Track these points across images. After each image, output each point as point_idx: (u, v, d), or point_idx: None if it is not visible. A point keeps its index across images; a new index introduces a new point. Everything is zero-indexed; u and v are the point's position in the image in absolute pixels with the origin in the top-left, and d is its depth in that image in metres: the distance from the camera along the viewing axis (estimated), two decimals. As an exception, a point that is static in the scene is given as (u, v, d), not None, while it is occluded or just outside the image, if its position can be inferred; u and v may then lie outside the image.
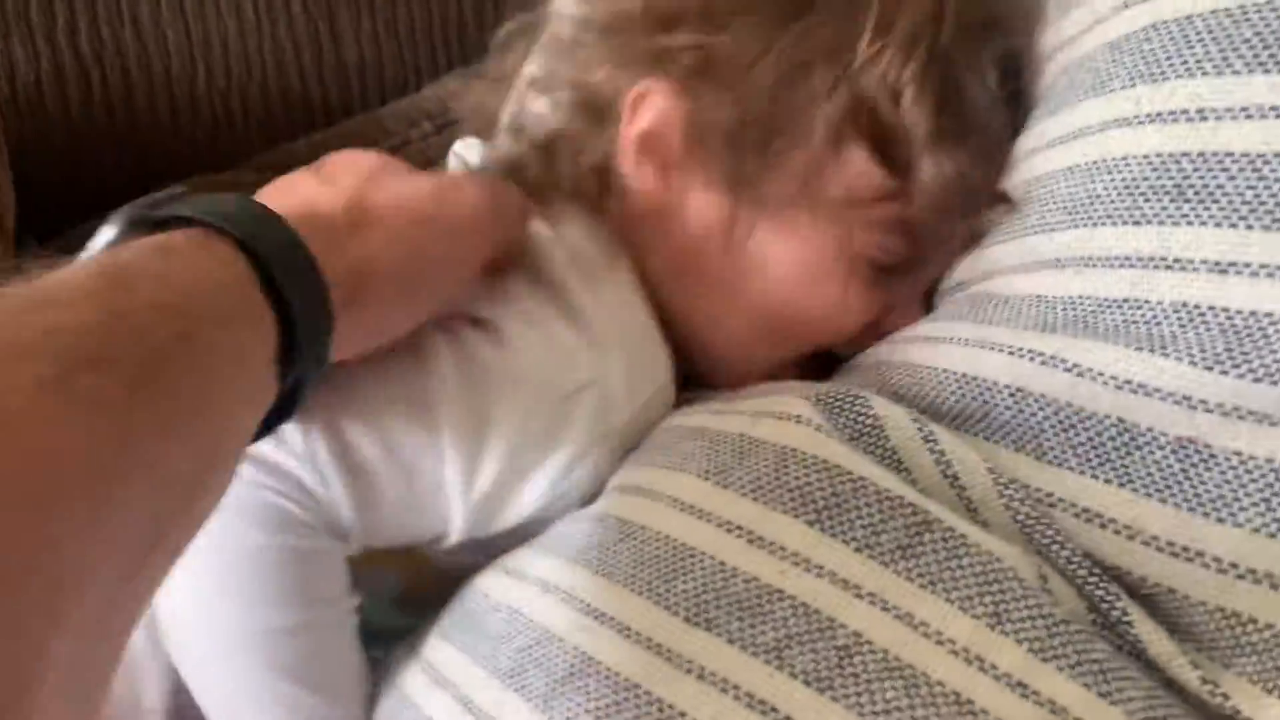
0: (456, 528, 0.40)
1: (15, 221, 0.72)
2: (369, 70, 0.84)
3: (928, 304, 0.46)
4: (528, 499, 0.39)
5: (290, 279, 0.28)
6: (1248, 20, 0.32)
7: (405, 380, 0.38)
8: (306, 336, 0.29)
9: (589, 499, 0.39)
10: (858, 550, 0.31)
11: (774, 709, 0.29)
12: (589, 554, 0.35)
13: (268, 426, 0.31)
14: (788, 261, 0.44)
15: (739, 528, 0.33)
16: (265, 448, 0.36)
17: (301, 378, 0.30)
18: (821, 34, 0.41)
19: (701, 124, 0.43)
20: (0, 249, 0.67)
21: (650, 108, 0.44)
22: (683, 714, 0.29)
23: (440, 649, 0.36)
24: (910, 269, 0.44)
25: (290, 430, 0.36)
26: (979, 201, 0.42)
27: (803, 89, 0.41)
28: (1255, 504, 0.31)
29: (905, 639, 0.29)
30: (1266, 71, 0.31)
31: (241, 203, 0.30)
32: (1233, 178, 0.31)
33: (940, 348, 0.40)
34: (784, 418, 0.35)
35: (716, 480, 0.35)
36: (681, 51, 0.43)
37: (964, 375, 0.38)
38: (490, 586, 0.37)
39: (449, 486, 0.38)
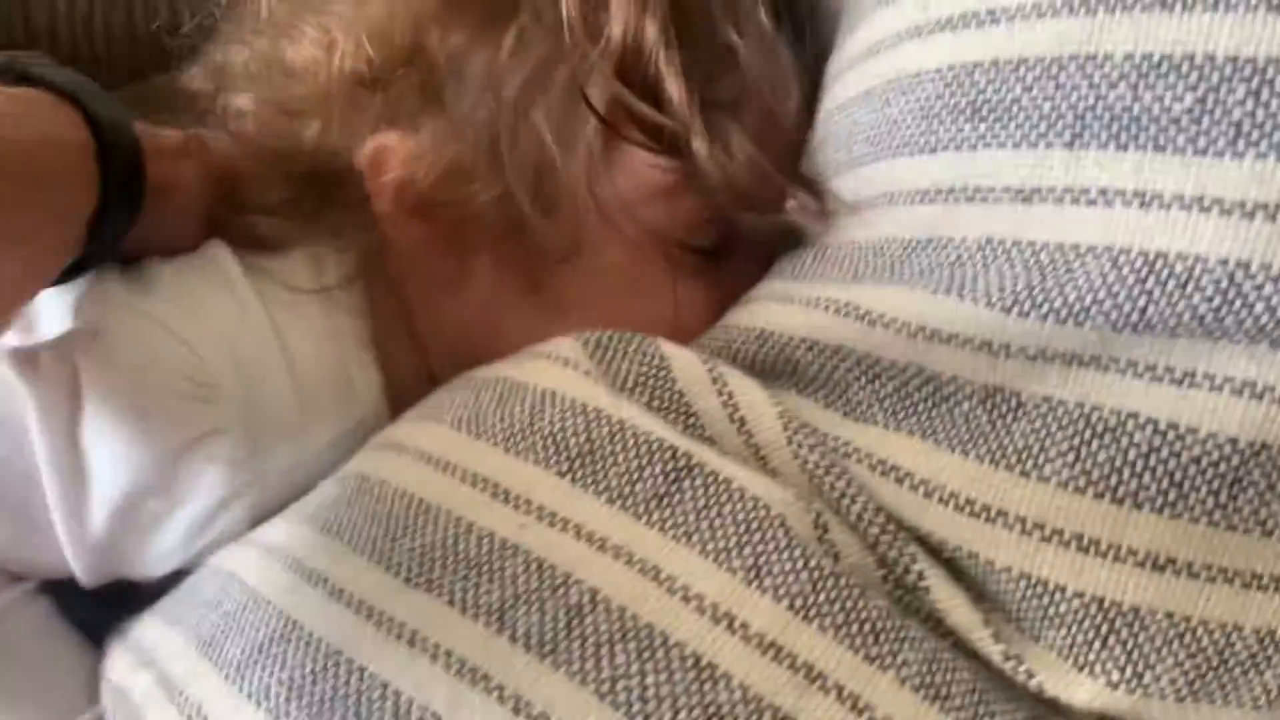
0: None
1: None
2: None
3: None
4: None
5: (117, 158, 0.32)
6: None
7: None
8: (117, 216, 0.33)
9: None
10: (609, 501, 0.27)
11: (486, 676, 0.24)
12: (320, 513, 0.30)
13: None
14: (599, 295, 0.39)
15: (484, 480, 0.29)
16: None
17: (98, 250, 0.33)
18: (539, 35, 0.37)
19: (451, 173, 0.38)
20: None
21: (393, 161, 0.38)
22: (385, 684, 0.25)
23: (148, 625, 0.31)
24: (734, 246, 0.40)
25: None
26: (787, 153, 0.38)
27: (547, 103, 0.37)
28: (1063, 454, 0.27)
29: (647, 596, 0.25)
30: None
31: (98, 91, 0.34)
32: (1028, 88, 0.28)
33: (752, 306, 0.36)
34: (550, 358, 0.31)
35: (469, 429, 0.30)
36: (403, 95, 0.39)
37: (764, 331, 0.34)
38: (218, 555, 0.32)
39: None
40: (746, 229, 0.38)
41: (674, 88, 0.36)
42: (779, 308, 0.34)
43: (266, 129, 0.39)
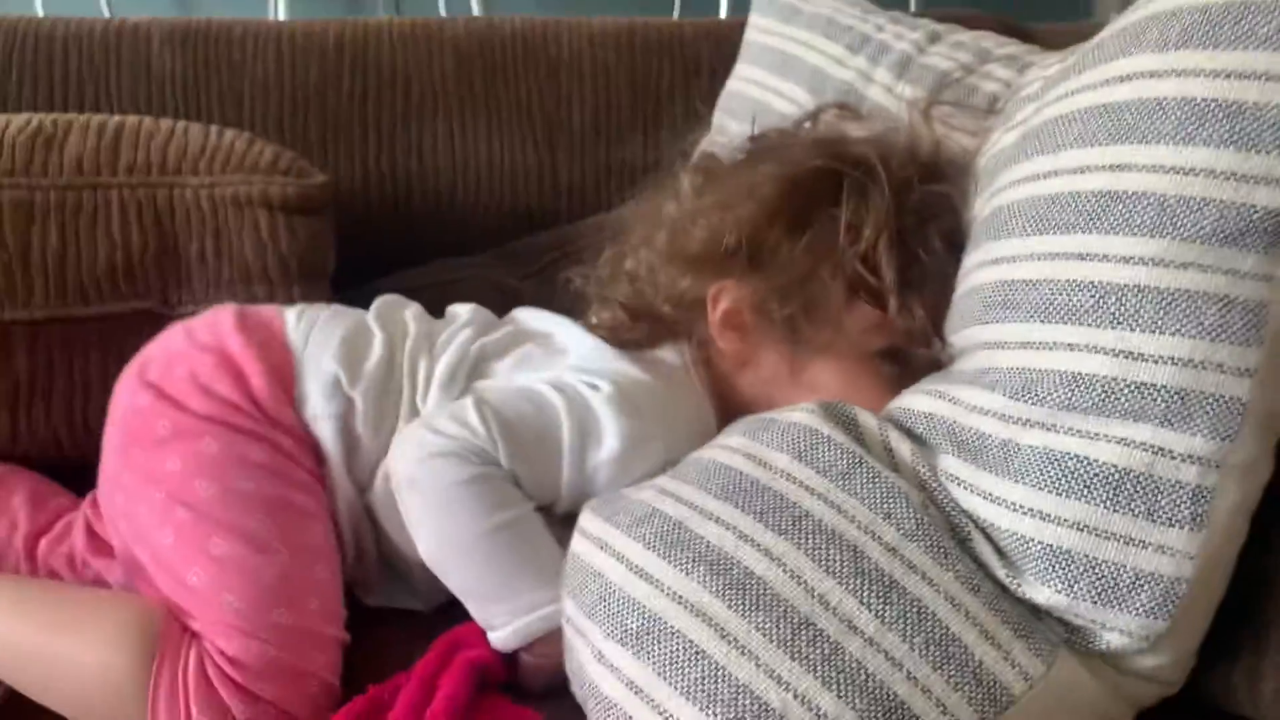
0: (562, 496, 0.68)
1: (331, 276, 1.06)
2: (574, 193, 1.16)
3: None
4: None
5: None
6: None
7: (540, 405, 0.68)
8: None
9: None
10: (819, 472, 0.59)
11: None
12: (690, 472, 0.63)
13: None
14: (834, 382, 0.72)
15: (760, 459, 0.61)
16: (452, 427, 0.66)
17: None
18: (822, 238, 0.70)
19: (763, 305, 0.72)
20: (320, 294, 0.99)
21: (725, 298, 0.73)
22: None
23: (590, 520, 0.64)
24: (908, 367, 0.71)
25: (469, 414, 0.66)
26: (941, 317, 0.69)
27: (821, 274, 0.70)
28: (1036, 469, 0.57)
29: (838, 521, 0.57)
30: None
31: None
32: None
33: (906, 395, 0.67)
34: (799, 409, 0.64)
35: (755, 438, 0.63)
36: (738, 261, 0.72)
37: (907, 408, 0.65)
38: (637, 491, 0.65)
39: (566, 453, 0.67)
40: (914, 356, 0.70)
41: (887, 274, 0.68)
42: (919, 397, 0.65)
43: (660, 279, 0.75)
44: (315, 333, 0.75)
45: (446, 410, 0.68)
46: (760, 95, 0.93)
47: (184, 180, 0.90)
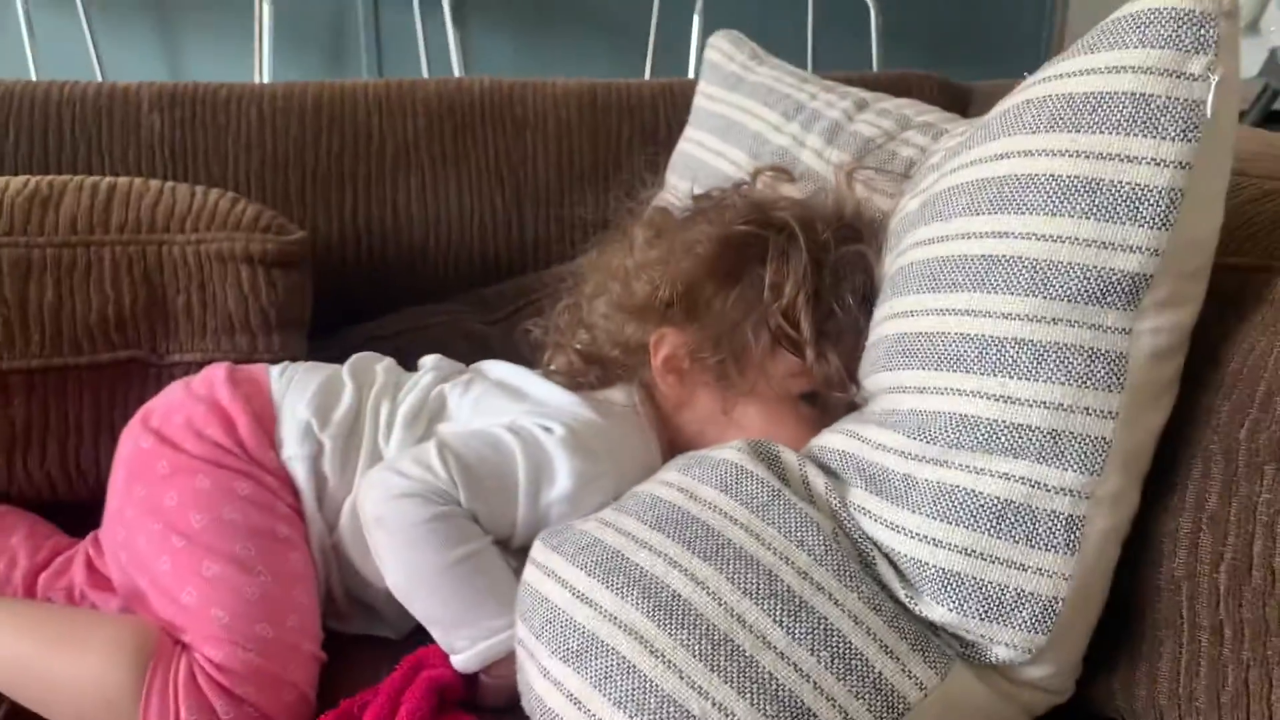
0: (517, 531, 0.74)
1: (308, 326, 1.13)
2: (539, 244, 1.24)
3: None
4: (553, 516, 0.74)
5: None
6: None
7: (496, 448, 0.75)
8: None
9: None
10: (742, 503, 0.66)
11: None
12: (632, 506, 0.70)
13: None
14: (760, 421, 0.79)
15: (693, 494, 0.68)
16: (416, 470, 0.72)
17: None
18: (749, 293, 0.78)
19: (698, 351, 0.80)
20: (298, 342, 1.06)
21: (665, 345, 0.80)
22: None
23: (539, 550, 0.71)
24: (826, 408, 0.79)
25: (432, 457, 0.73)
26: (855, 364, 0.76)
27: (747, 325, 0.78)
28: (928, 501, 0.64)
29: (756, 547, 0.64)
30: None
31: None
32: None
33: (825, 434, 0.74)
34: (728, 447, 0.71)
35: (688, 474, 0.70)
36: (676, 311, 0.80)
37: (824, 446, 0.72)
38: (582, 523, 0.72)
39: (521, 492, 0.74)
40: (831, 399, 0.77)
41: (805, 328, 0.76)
42: (835, 435, 0.72)
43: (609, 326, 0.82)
44: (293, 385, 0.82)
45: (410, 453, 0.75)
46: (706, 157, 1.01)
47: (172, 238, 0.97)
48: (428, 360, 0.88)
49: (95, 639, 0.72)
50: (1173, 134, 0.58)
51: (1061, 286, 0.61)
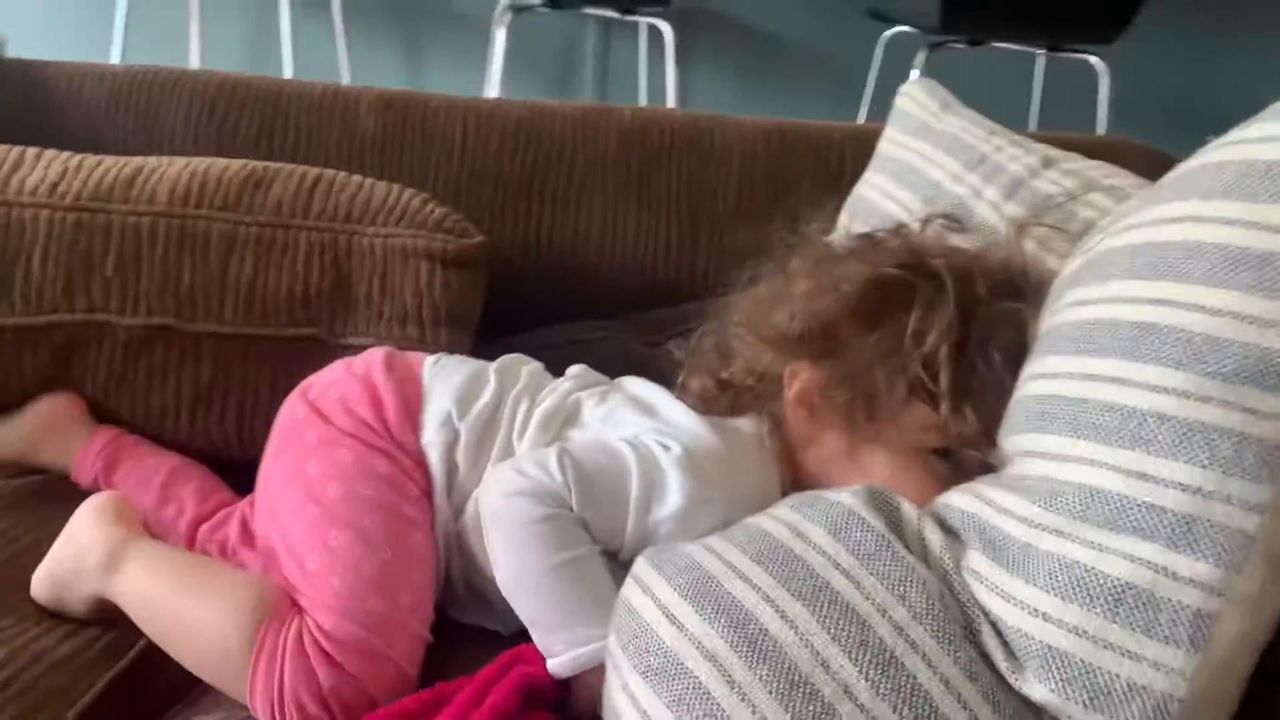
0: (626, 543, 0.75)
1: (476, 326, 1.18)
2: (709, 273, 1.25)
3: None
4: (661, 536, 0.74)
5: None
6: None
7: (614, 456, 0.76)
8: None
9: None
10: (850, 551, 0.64)
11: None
12: (740, 537, 0.69)
13: None
14: (885, 470, 0.77)
15: (804, 535, 0.67)
16: (534, 470, 0.74)
17: None
18: (889, 338, 0.76)
19: (830, 390, 0.78)
20: (463, 339, 1.10)
21: (799, 379, 0.80)
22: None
23: (640, 565, 0.71)
24: (960, 466, 0.75)
25: (551, 461, 0.74)
26: (995, 424, 0.73)
27: (881, 370, 0.76)
28: (1048, 574, 0.60)
29: (854, 595, 0.62)
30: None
31: None
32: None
33: (951, 493, 0.71)
34: (847, 491, 0.69)
35: (801, 514, 0.69)
36: (814, 347, 0.79)
37: (948, 504, 0.69)
38: (686, 545, 0.72)
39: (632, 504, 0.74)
40: (965, 457, 0.74)
41: (944, 381, 0.73)
42: (963, 495, 0.69)
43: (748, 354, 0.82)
44: (442, 374, 0.86)
45: (533, 454, 0.77)
46: (878, 200, 1.00)
47: (363, 229, 1.04)
48: (573, 369, 0.90)
49: (223, 591, 0.77)
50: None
51: (1218, 363, 0.57)
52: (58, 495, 0.94)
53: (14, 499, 0.95)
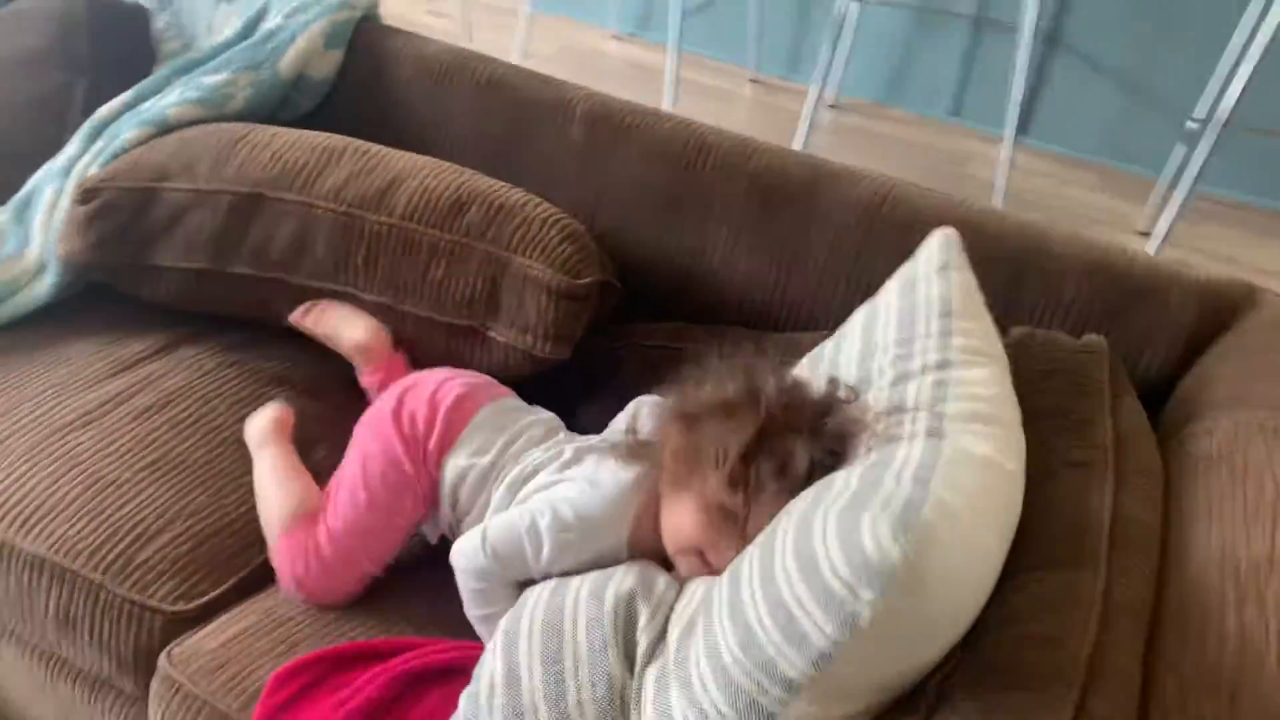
0: (533, 576, 1.14)
1: (608, 315, 1.56)
2: (803, 306, 1.52)
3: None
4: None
5: None
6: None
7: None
8: None
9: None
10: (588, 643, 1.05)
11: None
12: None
13: None
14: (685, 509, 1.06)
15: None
16: (469, 551, 1.15)
17: None
18: (705, 441, 1.05)
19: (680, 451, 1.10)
20: (562, 349, 1.49)
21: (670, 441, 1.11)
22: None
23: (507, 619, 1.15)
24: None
25: (478, 544, 1.16)
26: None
27: (702, 460, 1.06)
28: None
29: (570, 679, 1.03)
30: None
31: None
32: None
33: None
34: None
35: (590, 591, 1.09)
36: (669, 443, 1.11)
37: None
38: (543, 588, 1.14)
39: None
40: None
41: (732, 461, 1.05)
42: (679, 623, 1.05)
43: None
44: (487, 421, 1.30)
45: (475, 530, 1.15)
46: (849, 330, 1.23)
47: (515, 258, 1.45)
48: (550, 426, 1.32)
49: (290, 488, 1.27)
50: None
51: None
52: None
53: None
